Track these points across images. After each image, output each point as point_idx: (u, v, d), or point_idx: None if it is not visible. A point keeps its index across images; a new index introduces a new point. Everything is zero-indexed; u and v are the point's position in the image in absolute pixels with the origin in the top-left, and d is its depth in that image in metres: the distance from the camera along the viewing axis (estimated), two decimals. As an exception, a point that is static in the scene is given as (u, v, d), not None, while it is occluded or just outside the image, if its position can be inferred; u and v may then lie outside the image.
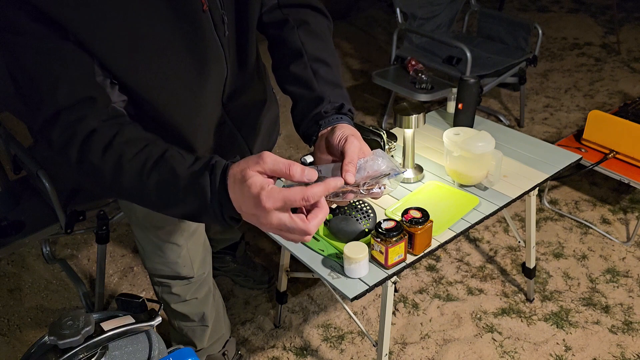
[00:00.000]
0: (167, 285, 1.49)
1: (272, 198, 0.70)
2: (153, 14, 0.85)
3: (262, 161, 0.72)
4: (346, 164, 0.81)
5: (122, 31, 0.83)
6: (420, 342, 1.89)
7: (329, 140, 0.90)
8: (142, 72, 0.89)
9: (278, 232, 0.74)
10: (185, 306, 1.54)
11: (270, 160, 0.72)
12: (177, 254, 1.42)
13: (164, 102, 0.96)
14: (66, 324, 0.73)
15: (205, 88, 1.00)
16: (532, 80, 3.75)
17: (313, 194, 0.71)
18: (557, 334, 1.89)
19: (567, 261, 2.21)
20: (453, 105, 1.81)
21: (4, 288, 2.20)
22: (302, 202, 0.71)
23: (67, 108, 0.81)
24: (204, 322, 1.60)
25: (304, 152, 3.04)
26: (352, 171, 0.81)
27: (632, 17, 4.79)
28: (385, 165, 0.83)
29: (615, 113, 2.35)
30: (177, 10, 0.86)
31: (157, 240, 1.39)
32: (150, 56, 0.88)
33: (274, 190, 0.71)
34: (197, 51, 0.93)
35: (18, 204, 1.88)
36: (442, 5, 3.22)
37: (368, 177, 0.83)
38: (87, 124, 0.82)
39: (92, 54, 0.82)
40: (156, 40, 0.87)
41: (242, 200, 0.73)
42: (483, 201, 1.49)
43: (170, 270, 1.45)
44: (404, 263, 1.29)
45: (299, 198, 0.70)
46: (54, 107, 0.81)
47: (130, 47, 0.85)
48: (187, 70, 0.94)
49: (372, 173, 0.83)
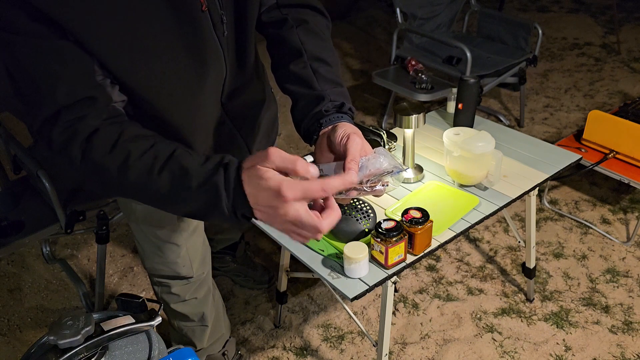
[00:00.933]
0: (167, 285, 1.49)
1: (293, 189, 0.71)
2: (152, 14, 0.85)
3: (269, 158, 0.73)
4: (349, 162, 0.82)
5: (121, 31, 0.83)
6: (420, 342, 1.89)
7: (331, 139, 0.90)
8: (141, 72, 0.89)
9: (291, 226, 0.74)
10: (185, 306, 1.54)
11: (277, 155, 0.73)
12: (177, 253, 1.42)
13: (163, 102, 0.96)
14: (66, 324, 0.73)
15: (204, 88, 1.00)
16: (532, 80, 3.75)
17: (332, 186, 0.72)
18: (557, 334, 1.89)
19: (567, 261, 2.21)
20: (453, 105, 1.81)
21: (4, 288, 2.20)
22: (322, 192, 0.72)
23: (67, 107, 0.81)
24: (204, 322, 1.60)
25: (303, 152, 3.04)
26: (355, 169, 0.81)
27: (632, 17, 4.79)
28: (388, 163, 0.83)
29: (615, 113, 2.35)
30: (176, 10, 0.86)
31: (157, 240, 1.39)
32: (149, 56, 0.88)
33: (293, 182, 0.72)
34: (196, 51, 0.93)
35: (18, 204, 1.88)
36: (442, 5, 3.22)
37: (370, 175, 0.83)
38: (88, 123, 0.82)
39: (92, 54, 0.82)
40: (155, 40, 0.87)
41: (259, 194, 0.73)
42: (483, 201, 1.49)
43: (170, 270, 1.45)
44: (404, 263, 1.29)
45: (318, 188, 0.72)
46: (54, 107, 0.81)
47: (129, 47, 0.85)
48: (186, 70, 0.94)
49: (375, 171, 0.83)
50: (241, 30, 1.02)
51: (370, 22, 5.05)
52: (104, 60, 0.84)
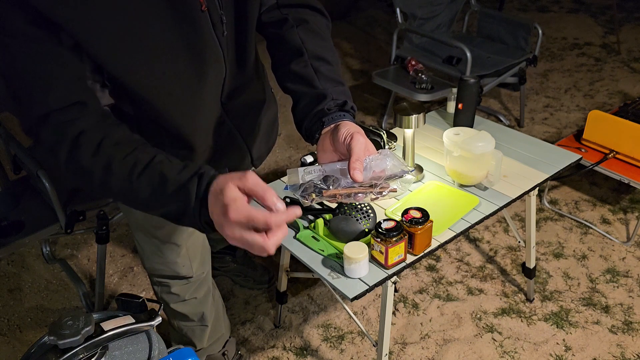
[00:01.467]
0: (167, 285, 1.49)
1: (237, 211, 0.73)
2: (152, 14, 0.85)
3: (245, 179, 0.75)
4: (353, 162, 0.82)
5: (121, 31, 0.83)
6: (420, 342, 1.89)
7: (334, 138, 0.90)
8: (141, 72, 0.89)
9: (238, 242, 0.76)
10: (185, 306, 1.54)
11: (251, 180, 0.75)
12: (177, 253, 1.42)
13: (163, 101, 0.96)
14: (66, 324, 0.73)
15: (204, 88, 1.00)
16: (532, 80, 3.75)
17: (276, 222, 0.73)
18: (557, 334, 1.89)
19: (567, 261, 2.21)
20: (453, 105, 1.81)
21: (4, 288, 2.20)
22: (264, 225, 0.73)
23: (58, 110, 0.82)
24: (204, 321, 1.60)
25: (304, 152, 3.04)
26: (360, 169, 0.82)
27: (632, 17, 4.79)
28: (392, 164, 0.83)
29: (615, 113, 2.35)
30: (176, 10, 0.86)
31: (156, 241, 1.39)
32: (149, 56, 0.88)
33: (241, 205, 0.73)
34: (196, 51, 0.93)
35: (18, 204, 1.88)
36: (442, 5, 3.22)
37: (375, 176, 0.83)
38: (77, 126, 0.84)
39: (90, 54, 0.83)
40: (155, 39, 0.87)
41: (214, 208, 0.76)
42: (483, 201, 1.49)
43: (170, 270, 1.45)
44: (404, 263, 1.29)
45: (262, 221, 0.73)
46: (46, 109, 0.82)
47: (129, 47, 0.85)
48: (185, 69, 0.94)
49: (379, 172, 0.83)
50: (241, 31, 1.02)
51: (370, 22, 5.05)
52: (104, 60, 0.84)
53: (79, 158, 0.84)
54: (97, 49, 0.83)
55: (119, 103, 0.97)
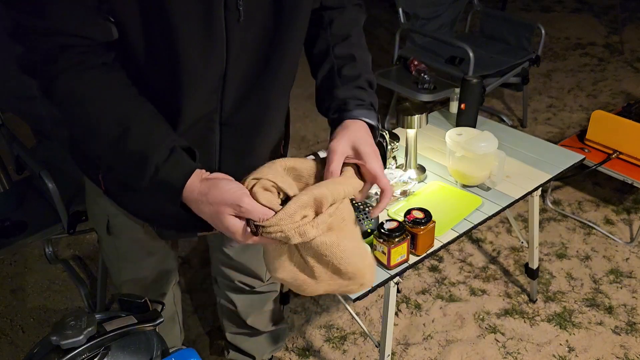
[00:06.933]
0: None
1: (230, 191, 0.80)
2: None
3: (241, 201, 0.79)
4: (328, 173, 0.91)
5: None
6: (422, 343, 1.89)
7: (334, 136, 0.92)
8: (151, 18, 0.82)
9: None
10: None
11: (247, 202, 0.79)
12: None
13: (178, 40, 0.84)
14: (69, 324, 0.73)
15: (207, 66, 0.89)
16: (535, 81, 3.74)
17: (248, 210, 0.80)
18: (560, 334, 1.89)
19: (570, 262, 2.20)
20: (456, 106, 1.80)
21: (6, 288, 2.21)
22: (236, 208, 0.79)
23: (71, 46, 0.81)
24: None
25: (304, 152, 3.04)
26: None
27: (635, 17, 4.77)
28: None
29: (619, 113, 2.35)
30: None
31: None
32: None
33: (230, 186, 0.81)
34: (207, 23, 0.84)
35: (21, 204, 1.88)
36: (445, 5, 3.21)
37: None
38: (91, 61, 0.83)
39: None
40: None
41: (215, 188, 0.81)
42: (486, 202, 1.48)
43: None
44: (407, 264, 1.29)
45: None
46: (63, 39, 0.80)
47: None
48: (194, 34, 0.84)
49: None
50: (275, 30, 0.90)
51: (372, 22, 5.05)
52: None
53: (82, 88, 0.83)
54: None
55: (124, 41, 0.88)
